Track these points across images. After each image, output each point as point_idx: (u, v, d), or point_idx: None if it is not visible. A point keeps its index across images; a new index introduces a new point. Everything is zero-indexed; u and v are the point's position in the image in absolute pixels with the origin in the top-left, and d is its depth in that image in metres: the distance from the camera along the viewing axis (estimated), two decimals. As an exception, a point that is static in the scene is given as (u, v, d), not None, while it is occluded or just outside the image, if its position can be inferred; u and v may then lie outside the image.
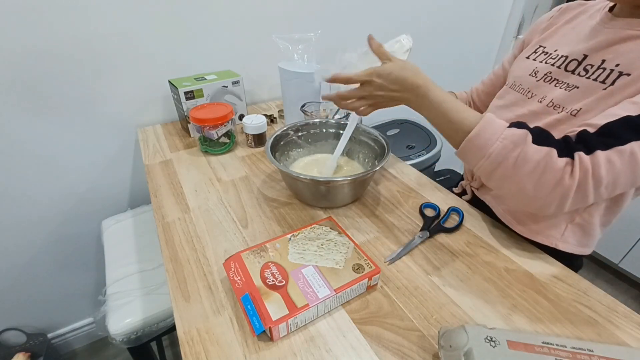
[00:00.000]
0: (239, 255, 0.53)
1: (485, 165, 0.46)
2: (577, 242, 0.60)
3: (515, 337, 0.40)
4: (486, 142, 0.45)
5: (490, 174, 0.47)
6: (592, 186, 0.43)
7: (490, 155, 0.45)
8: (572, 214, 0.58)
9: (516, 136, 0.44)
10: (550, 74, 0.58)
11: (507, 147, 0.44)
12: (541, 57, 0.61)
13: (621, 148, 0.41)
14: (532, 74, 0.61)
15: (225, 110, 0.86)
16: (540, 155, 0.43)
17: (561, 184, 0.43)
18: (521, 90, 0.62)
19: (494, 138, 0.45)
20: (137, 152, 1.08)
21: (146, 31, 0.92)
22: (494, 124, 0.46)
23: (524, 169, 0.44)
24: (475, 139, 0.46)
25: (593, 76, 0.51)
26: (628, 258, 1.49)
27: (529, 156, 0.43)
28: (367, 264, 0.52)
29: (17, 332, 1.14)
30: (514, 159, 0.44)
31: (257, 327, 0.44)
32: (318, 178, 0.62)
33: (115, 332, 0.74)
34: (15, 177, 0.94)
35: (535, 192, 0.45)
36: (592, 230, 0.59)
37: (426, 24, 1.39)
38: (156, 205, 0.71)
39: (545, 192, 0.44)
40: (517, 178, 0.45)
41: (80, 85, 0.91)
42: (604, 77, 0.49)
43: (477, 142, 0.46)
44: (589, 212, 0.57)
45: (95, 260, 1.18)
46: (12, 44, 0.80)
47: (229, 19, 1.02)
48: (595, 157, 0.42)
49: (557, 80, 0.56)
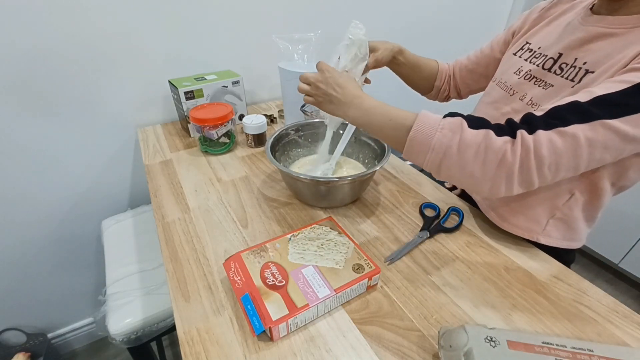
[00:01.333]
0: (239, 255, 0.53)
1: (432, 158, 0.47)
2: (562, 236, 0.60)
3: (515, 337, 0.40)
4: (427, 136, 0.46)
5: (439, 166, 0.47)
6: (534, 165, 0.43)
7: (434, 147, 0.46)
8: (551, 209, 0.58)
9: (452, 124, 0.45)
10: (530, 72, 0.60)
11: (446, 135, 0.45)
12: (526, 55, 0.63)
13: (563, 129, 0.41)
14: (517, 72, 0.63)
15: (225, 110, 0.86)
16: (479, 137, 0.44)
17: (504, 162, 0.43)
18: (505, 87, 0.64)
19: (433, 130, 0.46)
20: (137, 152, 1.08)
21: (146, 31, 0.92)
22: (430, 117, 0.47)
23: (467, 153, 0.44)
24: (416, 135, 0.47)
25: (566, 74, 0.53)
26: (628, 258, 1.49)
27: (469, 140, 0.44)
28: (367, 264, 0.52)
29: (17, 332, 1.14)
30: (456, 145, 0.44)
31: (257, 327, 0.44)
32: (318, 178, 0.62)
33: (115, 332, 0.74)
34: (15, 177, 0.94)
35: (483, 174, 0.45)
36: (575, 224, 0.60)
37: (426, 24, 1.39)
38: (156, 205, 0.71)
39: (491, 172, 0.44)
40: (463, 163, 0.45)
41: (81, 85, 0.91)
42: (573, 76, 0.52)
43: (418, 138, 0.47)
44: (568, 207, 0.58)
45: (95, 260, 1.18)
46: (12, 43, 0.80)
47: (229, 19, 1.02)
48: (537, 135, 0.42)
49: (536, 79, 0.58)
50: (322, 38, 0.89)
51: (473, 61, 0.80)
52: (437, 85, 0.83)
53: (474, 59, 0.80)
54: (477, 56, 0.79)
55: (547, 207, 0.58)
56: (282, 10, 1.08)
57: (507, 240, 0.62)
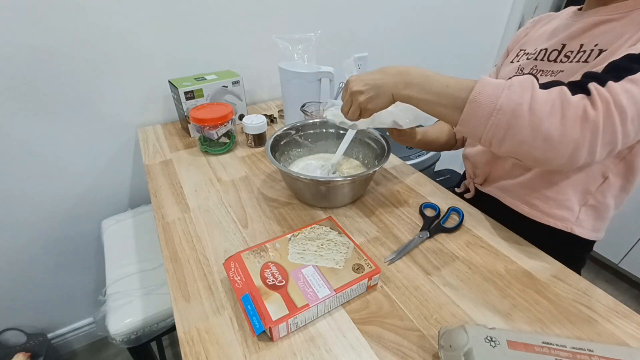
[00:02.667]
0: (239, 255, 0.53)
1: (497, 121, 0.40)
2: (592, 227, 0.60)
3: (515, 337, 0.40)
4: (492, 95, 0.40)
5: (505, 130, 0.41)
6: (618, 118, 0.38)
7: (501, 106, 0.40)
8: (584, 194, 0.57)
9: (523, 81, 0.40)
10: (535, 67, 0.60)
11: (515, 92, 0.39)
12: (523, 58, 0.65)
13: (633, 77, 0.39)
14: (519, 72, 0.63)
15: (225, 110, 0.86)
16: (553, 94, 0.39)
17: (586, 117, 0.38)
18: None
19: (499, 89, 0.40)
20: (137, 152, 1.08)
21: (146, 31, 0.92)
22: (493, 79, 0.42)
23: (542, 110, 0.39)
24: (479, 96, 0.41)
25: (575, 59, 0.54)
26: (628, 258, 1.49)
27: (542, 97, 0.39)
28: (367, 264, 0.52)
29: (17, 332, 1.14)
30: (528, 103, 0.39)
31: (257, 327, 0.44)
32: (318, 178, 0.62)
33: (115, 332, 0.74)
34: (15, 177, 0.94)
35: (562, 133, 0.39)
36: (606, 212, 0.58)
37: (426, 24, 1.39)
38: (156, 205, 0.71)
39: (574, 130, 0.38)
40: (537, 122, 0.39)
41: (81, 85, 0.91)
42: (585, 57, 0.52)
43: (481, 99, 0.41)
44: (601, 192, 0.56)
45: (95, 260, 1.18)
46: (13, 43, 0.80)
47: (229, 19, 1.02)
48: (611, 87, 0.38)
49: (543, 71, 0.58)
50: (322, 38, 0.89)
51: None
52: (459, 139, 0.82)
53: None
54: None
55: (580, 191, 0.56)
56: (282, 10, 1.08)
57: (507, 240, 0.62)
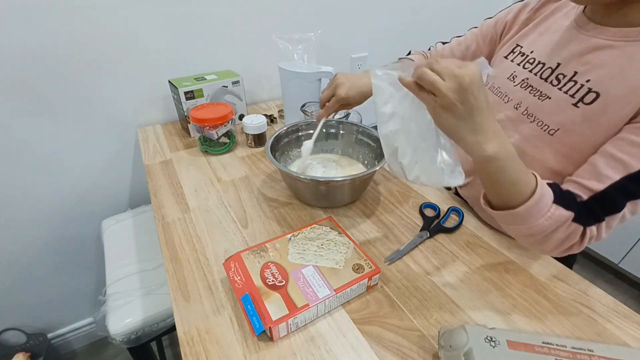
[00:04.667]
0: (239, 255, 0.53)
1: (521, 230, 0.48)
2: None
3: (515, 337, 0.40)
4: (532, 216, 0.45)
5: (519, 236, 0.51)
6: (594, 241, 0.49)
7: (533, 228, 0.46)
8: None
9: (561, 217, 0.46)
10: (527, 80, 0.58)
11: (550, 226, 0.46)
12: (518, 59, 0.62)
13: (618, 215, 0.47)
14: (510, 78, 0.61)
15: (225, 110, 0.86)
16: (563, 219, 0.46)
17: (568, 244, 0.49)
18: (499, 93, 0.63)
19: (541, 214, 0.45)
20: (137, 152, 1.07)
21: (146, 31, 0.92)
22: (544, 197, 0.45)
23: (550, 243, 0.48)
24: (524, 211, 0.45)
25: (564, 88, 0.52)
26: (628, 258, 1.49)
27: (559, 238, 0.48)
28: (367, 264, 0.52)
29: (17, 332, 1.14)
30: (550, 234, 0.47)
31: (257, 327, 0.44)
32: (318, 178, 0.63)
33: (115, 332, 0.74)
34: (15, 177, 0.94)
35: (544, 244, 0.49)
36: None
37: (426, 24, 1.39)
38: (156, 205, 0.71)
39: (554, 245, 0.49)
40: (541, 241, 0.49)
41: (81, 85, 0.91)
42: (573, 91, 0.51)
43: (523, 213, 0.45)
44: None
45: (95, 260, 1.18)
46: (13, 44, 0.80)
47: (229, 19, 1.02)
48: (600, 227, 0.48)
49: (532, 87, 0.57)
50: (322, 38, 0.89)
51: (458, 56, 0.76)
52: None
53: (459, 54, 0.76)
54: (461, 51, 0.76)
55: None
56: (282, 10, 1.08)
57: (507, 240, 0.62)
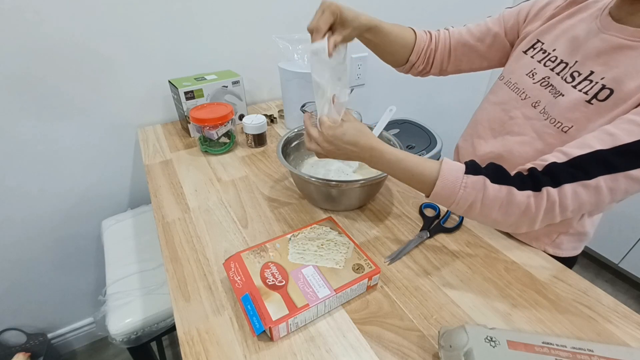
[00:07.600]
0: (239, 255, 0.53)
1: (456, 209, 0.50)
2: (572, 247, 0.63)
3: (515, 337, 0.40)
4: (450, 192, 0.48)
5: (465, 213, 0.50)
6: (558, 212, 0.46)
7: (458, 202, 0.48)
8: (566, 226, 0.60)
9: (475, 183, 0.47)
10: (548, 79, 0.57)
11: (470, 193, 0.47)
12: (539, 56, 0.59)
13: (587, 182, 0.44)
14: (530, 75, 0.59)
15: (225, 110, 0.86)
16: (502, 193, 0.46)
17: (527, 213, 0.47)
18: (516, 89, 0.61)
19: (456, 189, 0.47)
20: (137, 152, 1.07)
21: (146, 31, 0.92)
22: (451, 171, 0.48)
23: (490, 208, 0.48)
24: (440, 191, 0.48)
25: (579, 86, 0.52)
26: (628, 258, 1.49)
27: (492, 197, 0.47)
28: (367, 264, 0.52)
29: (17, 332, 1.14)
30: (480, 202, 0.47)
31: (257, 327, 0.44)
32: (330, 181, 0.61)
33: (115, 332, 0.74)
34: (15, 177, 0.94)
35: (505, 221, 0.49)
36: (586, 236, 0.63)
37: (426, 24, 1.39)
38: (156, 205, 0.71)
39: (514, 220, 0.48)
40: (486, 214, 0.48)
41: (81, 85, 0.91)
42: (588, 89, 0.50)
43: (442, 194, 0.49)
44: (581, 224, 0.60)
45: (95, 260, 1.18)
46: (13, 44, 0.80)
47: (229, 19, 1.02)
48: (563, 189, 0.44)
49: (552, 87, 0.56)
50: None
51: (476, 37, 0.68)
52: (411, 60, 0.70)
53: (478, 34, 0.68)
54: (481, 32, 0.68)
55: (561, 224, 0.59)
56: (282, 10, 1.08)
57: (507, 240, 0.62)
